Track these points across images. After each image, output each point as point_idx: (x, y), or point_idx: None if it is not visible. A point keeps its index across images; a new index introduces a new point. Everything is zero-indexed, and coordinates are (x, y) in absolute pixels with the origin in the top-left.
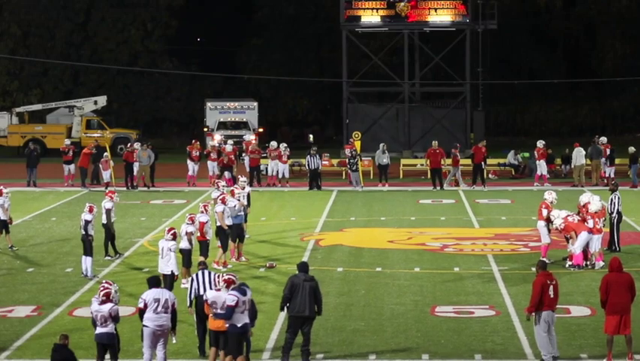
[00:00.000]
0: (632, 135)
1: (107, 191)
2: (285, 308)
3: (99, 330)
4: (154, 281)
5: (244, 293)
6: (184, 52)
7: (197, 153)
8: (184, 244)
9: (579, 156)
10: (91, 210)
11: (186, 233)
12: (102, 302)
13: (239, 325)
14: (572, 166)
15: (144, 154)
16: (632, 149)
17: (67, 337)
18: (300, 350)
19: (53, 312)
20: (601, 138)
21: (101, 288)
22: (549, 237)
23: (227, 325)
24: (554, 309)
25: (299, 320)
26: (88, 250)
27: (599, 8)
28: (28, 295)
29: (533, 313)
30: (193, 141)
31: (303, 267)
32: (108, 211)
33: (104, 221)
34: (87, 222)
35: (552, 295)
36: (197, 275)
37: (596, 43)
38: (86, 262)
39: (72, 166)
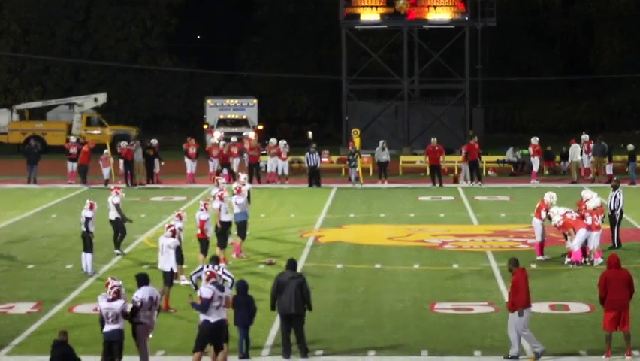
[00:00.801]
0: (631, 132)
1: (114, 187)
2: (276, 307)
3: (109, 327)
4: (144, 279)
5: (222, 289)
6: (184, 49)
7: (194, 150)
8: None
9: (575, 152)
10: (91, 207)
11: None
12: (112, 300)
13: (212, 320)
14: (569, 162)
15: (139, 151)
16: (630, 146)
17: (66, 333)
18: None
19: (53, 308)
20: (583, 136)
21: (110, 285)
22: (542, 235)
23: (200, 320)
24: (530, 306)
25: (286, 318)
26: (88, 247)
27: (597, 5)
28: (28, 291)
29: (523, 310)
30: (188, 138)
31: (291, 264)
32: (117, 206)
33: (112, 217)
34: (87, 219)
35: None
36: (207, 268)
37: (594, 41)
38: (86, 258)
39: (75, 164)
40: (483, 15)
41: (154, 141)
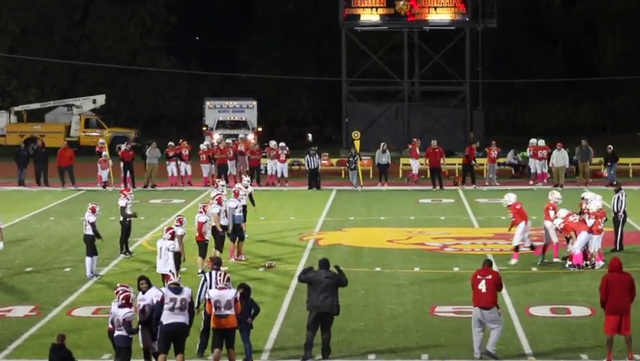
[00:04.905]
0: (633, 134)
1: (122, 189)
2: (306, 305)
3: (116, 333)
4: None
5: (177, 291)
6: (183, 50)
7: (187, 152)
8: (175, 246)
9: (558, 156)
10: (93, 211)
11: (177, 236)
12: (121, 306)
13: (165, 322)
14: (553, 165)
15: (154, 152)
16: (610, 147)
17: (64, 337)
18: (320, 348)
19: (52, 312)
20: (539, 141)
21: (120, 291)
22: (557, 236)
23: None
24: (486, 306)
25: (318, 317)
26: (90, 250)
27: (599, 6)
28: (26, 294)
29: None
30: (180, 140)
31: (324, 263)
32: (122, 209)
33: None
34: (92, 224)
35: (484, 291)
36: (210, 274)
37: (596, 42)
38: (88, 262)
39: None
40: (484, 16)
41: (171, 143)
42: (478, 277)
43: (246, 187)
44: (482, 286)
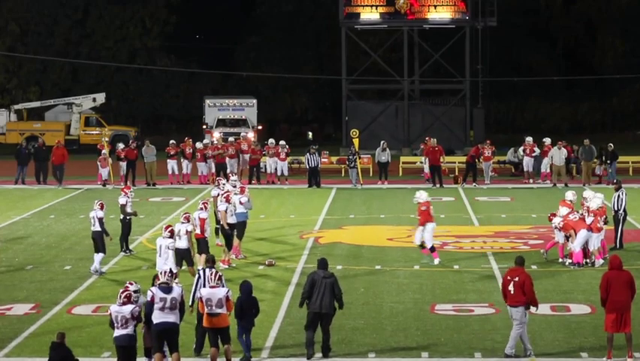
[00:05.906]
0: (632, 133)
1: (123, 187)
2: (305, 305)
3: (118, 332)
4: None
5: (167, 291)
6: (182, 49)
7: (190, 151)
8: (184, 243)
9: (556, 155)
10: (102, 208)
11: (186, 232)
12: (123, 304)
13: (155, 321)
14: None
15: (149, 150)
16: (611, 145)
17: (64, 335)
18: (320, 347)
19: (52, 310)
20: (546, 139)
21: (122, 289)
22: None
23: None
24: (514, 305)
25: (316, 317)
26: (100, 247)
27: (599, 5)
28: (26, 292)
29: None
30: (186, 138)
31: (322, 264)
32: (122, 207)
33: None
34: (100, 220)
35: (513, 292)
36: (204, 271)
37: (596, 41)
38: (97, 258)
39: (124, 164)
40: (484, 15)
41: (172, 142)
42: (509, 278)
43: (234, 186)
44: (511, 288)
